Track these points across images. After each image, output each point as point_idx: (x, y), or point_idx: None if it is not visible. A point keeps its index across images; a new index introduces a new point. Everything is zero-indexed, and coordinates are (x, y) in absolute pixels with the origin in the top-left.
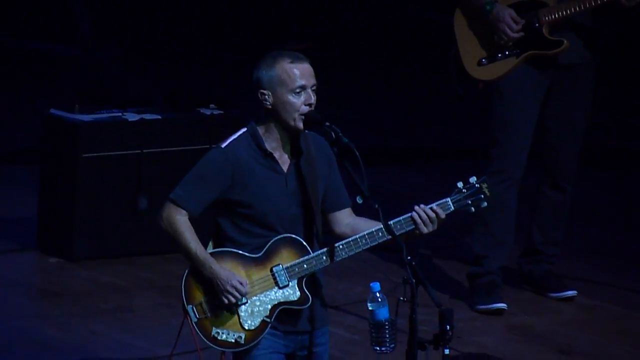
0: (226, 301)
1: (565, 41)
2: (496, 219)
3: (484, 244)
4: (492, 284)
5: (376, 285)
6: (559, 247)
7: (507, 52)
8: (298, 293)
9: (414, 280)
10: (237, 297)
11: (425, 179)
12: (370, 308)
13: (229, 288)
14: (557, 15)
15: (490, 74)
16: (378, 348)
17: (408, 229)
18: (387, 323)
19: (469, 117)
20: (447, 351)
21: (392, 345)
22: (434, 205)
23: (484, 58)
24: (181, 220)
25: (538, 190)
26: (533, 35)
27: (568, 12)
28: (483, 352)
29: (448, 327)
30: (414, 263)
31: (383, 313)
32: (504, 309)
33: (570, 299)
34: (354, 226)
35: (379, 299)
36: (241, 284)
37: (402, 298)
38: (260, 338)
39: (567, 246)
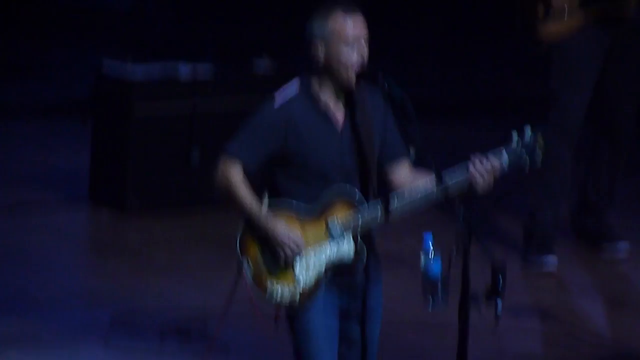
0: (282, 255)
1: None
2: (552, 172)
3: (539, 198)
4: (545, 236)
5: (429, 236)
6: (612, 201)
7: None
8: (353, 247)
9: (466, 233)
10: (294, 250)
11: (476, 130)
12: (423, 261)
13: (286, 241)
14: None
15: (556, 29)
16: (431, 300)
17: (461, 178)
18: (440, 275)
19: (517, 69)
20: (499, 302)
21: (446, 297)
22: (489, 154)
23: (549, 13)
24: (236, 174)
25: (594, 146)
26: None
27: None
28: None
29: (500, 278)
30: (466, 215)
31: (436, 265)
32: (555, 262)
33: (624, 252)
34: (413, 178)
35: (432, 251)
36: (298, 237)
37: (455, 250)
38: (315, 293)
39: (618, 196)
